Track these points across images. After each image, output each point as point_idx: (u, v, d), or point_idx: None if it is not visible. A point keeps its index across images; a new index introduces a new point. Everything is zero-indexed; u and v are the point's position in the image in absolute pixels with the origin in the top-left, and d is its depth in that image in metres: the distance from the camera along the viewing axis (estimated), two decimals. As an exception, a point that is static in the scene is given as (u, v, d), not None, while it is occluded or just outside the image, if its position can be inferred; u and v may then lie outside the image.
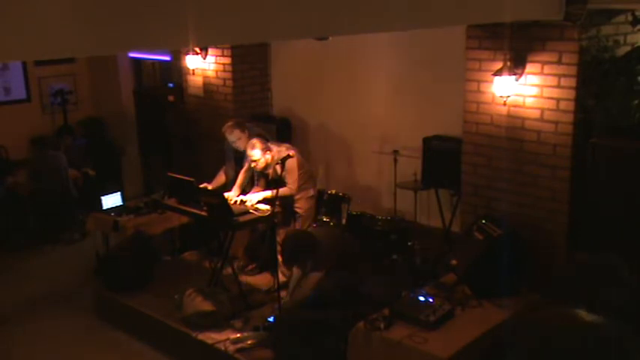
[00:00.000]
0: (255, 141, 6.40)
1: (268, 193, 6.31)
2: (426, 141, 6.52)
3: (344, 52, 7.28)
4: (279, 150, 6.43)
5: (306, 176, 6.63)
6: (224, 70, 8.09)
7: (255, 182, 6.65)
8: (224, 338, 5.49)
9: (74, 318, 6.53)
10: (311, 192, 6.68)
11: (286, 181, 6.37)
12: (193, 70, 8.30)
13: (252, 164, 6.46)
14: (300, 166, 6.47)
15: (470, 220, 5.74)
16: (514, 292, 5.00)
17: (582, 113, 5.25)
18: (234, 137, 6.69)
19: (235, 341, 5.44)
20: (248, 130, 6.68)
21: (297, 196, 6.55)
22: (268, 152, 6.38)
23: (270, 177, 6.55)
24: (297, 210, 6.59)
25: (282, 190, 6.29)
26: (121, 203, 7.05)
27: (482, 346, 4.61)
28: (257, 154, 6.34)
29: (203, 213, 6.12)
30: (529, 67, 5.36)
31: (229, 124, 6.75)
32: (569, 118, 5.23)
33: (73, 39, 2.80)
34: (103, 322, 6.40)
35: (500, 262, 4.89)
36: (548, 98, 5.31)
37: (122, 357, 5.92)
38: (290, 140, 7.60)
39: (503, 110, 5.55)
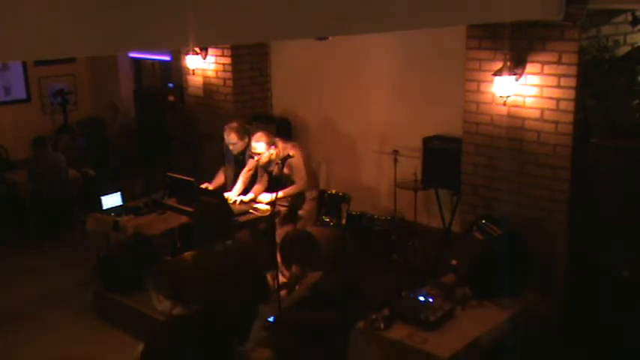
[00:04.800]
0: (261, 134, 6.40)
1: (280, 194, 6.31)
2: (426, 141, 6.52)
3: (344, 52, 7.28)
4: (285, 146, 6.44)
5: (310, 177, 6.63)
6: (224, 70, 8.09)
7: (258, 178, 6.65)
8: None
9: (74, 318, 6.53)
10: (314, 193, 6.67)
11: (293, 179, 6.37)
12: (193, 70, 8.30)
13: (256, 157, 6.46)
14: (305, 163, 6.47)
15: (470, 220, 5.74)
16: (514, 292, 4.99)
17: (582, 113, 5.25)
18: (232, 140, 6.70)
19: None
20: (248, 138, 6.67)
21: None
22: (273, 147, 6.38)
23: (273, 173, 6.55)
24: (299, 211, 6.59)
25: (290, 189, 6.28)
26: (121, 203, 7.05)
27: (482, 346, 4.61)
28: (261, 147, 6.34)
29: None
30: (529, 67, 5.36)
31: (231, 125, 6.74)
32: (569, 118, 5.23)
33: (73, 39, 2.80)
34: (103, 322, 6.40)
35: (500, 262, 4.88)
36: (548, 98, 5.31)
37: (122, 357, 5.91)
38: (290, 140, 7.60)
39: (503, 110, 5.55)
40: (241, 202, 6.49)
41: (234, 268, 4.51)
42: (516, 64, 5.37)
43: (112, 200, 6.98)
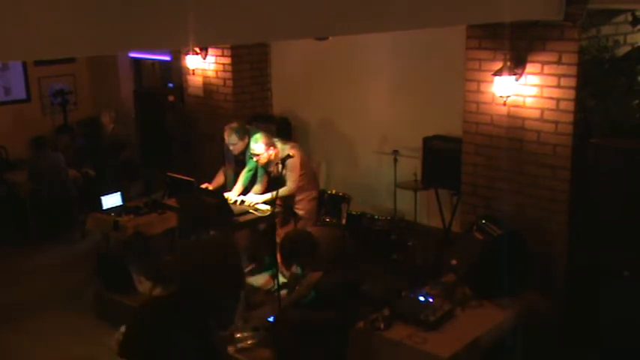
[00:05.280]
0: (259, 135, 6.42)
1: (268, 196, 6.33)
2: (426, 141, 6.52)
3: (344, 52, 7.28)
4: (283, 148, 6.45)
5: (309, 177, 6.63)
6: (224, 70, 8.09)
7: (258, 180, 6.66)
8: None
9: (74, 318, 6.53)
10: (314, 193, 6.68)
11: (286, 179, 6.38)
12: (193, 70, 8.30)
13: (255, 159, 6.47)
14: (302, 167, 6.47)
15: (470, 220, 5.74)
16: (514, 292, 5.00)
17: (582, 113, 5.25)
18: (232, 141, 6.71)
19: (235, 341, 5.44)
20: (249, 138, 6.68)
21: (299, 197, 6.56)
22: (272, 148, 6.40)
23: (272, 174, 6.56)
24: (299, 211, 6.59)
25: (282, 191, 6.30)
26: (121, 203, 7.05)
27: (482, 346, 4.61)
28: (260, 149, 6.36)
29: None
30: (529, 67, 5.36)
31: (232, 126, 6.75)
32: (569, 118, 5.23)
33: (73, 39, 2.80)
34: (103, 322, 6.40)
35: (500, 262, 4.89)
36: (548, 98, 5.31)
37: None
38: (290, 140, 7.60)
39: (503, 110, 5.55)
40: (241, 202, 6.49)
41: (216, 256, 4.71)
42: (516, 64, 5.37)
43: (112, 200, 6.98)
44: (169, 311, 3.54)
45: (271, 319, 5.61)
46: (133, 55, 9.35)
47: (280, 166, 6.30)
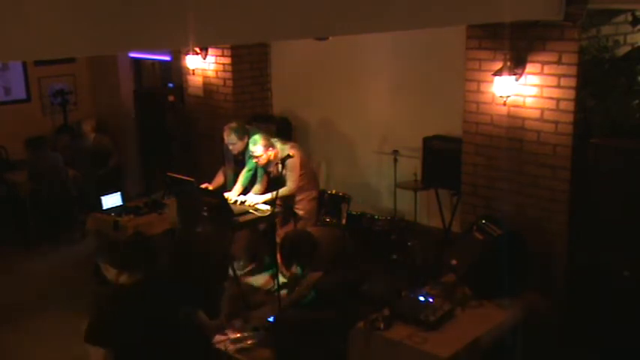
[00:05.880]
0: (258, 137, 6.42)
1: (268, 196, 6.33)
2: (426, 141, 6.52)
3: (344, 52, 7.28)
4: (283, 148, 6.45)
5: (309, 177, 6.63)
6: (224, 70, 8.09)
7: (258, 180, 6.66)
8: (224, 338, 5.49)
9: (74, 318, 6.51)
10: (314, 193, 6.68)
11: (286, 179, 6.38)
12: (193, 70, 8.30)
13: (254, 160, 6.47)
14: (302, 167, 6.47)
15: (470, 220, 5.74)
16: (514, 292, 5.00)
17: (582, 113, 5.25)
18: (231, 141, 6.72)
19: (235, 341, 5.44)
20: (248, 138, 6.68)
21: (299, 197, 6.56)
22: (271, 149, 6.41)
23: (272, 175, 6.56)
24: (299, 211, 6.59)
25: (282, 191, 6.30)
26: (121, 203, 7.05)
27: (482, 346, 4.61)
28: (258, 150, 6.37)
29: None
30: (529, 67, 5.36)
31: (231, 126, 6.76)
32: (569, 118, 5.23)
33: (73, 39, 2.80)
34: (103, 322, 6.39)
35: (500, 262, 4.89)
36: (548, 98, 5.32)
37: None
38: (290, 140, 7.60)
39: (503, 110, 5.55)
40: (242, 202, 6.49)
41: (209, 247, 4.79)
42: (516, 64, 5.37)
43: (112, 200, 6.98)
44: (135, 299, 3.54)
45: (271, 319, 5.61)
46: (133, 55, 9.35)
47: (280, 166, 6.31)
